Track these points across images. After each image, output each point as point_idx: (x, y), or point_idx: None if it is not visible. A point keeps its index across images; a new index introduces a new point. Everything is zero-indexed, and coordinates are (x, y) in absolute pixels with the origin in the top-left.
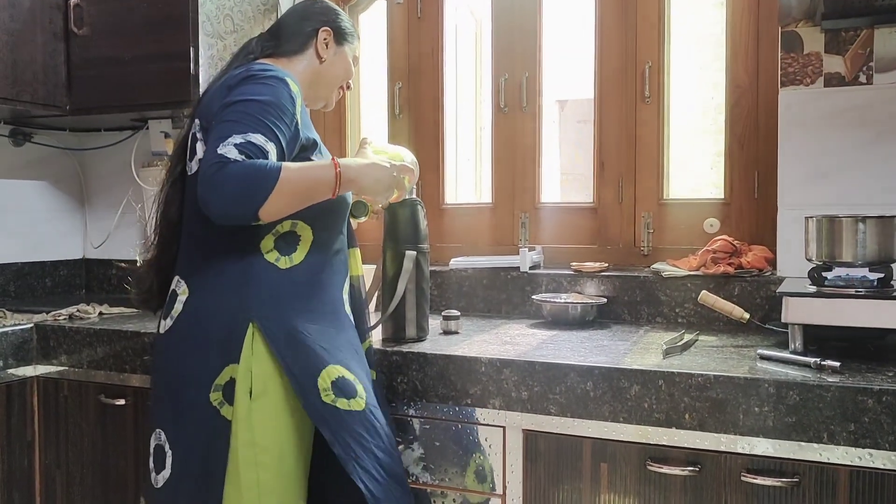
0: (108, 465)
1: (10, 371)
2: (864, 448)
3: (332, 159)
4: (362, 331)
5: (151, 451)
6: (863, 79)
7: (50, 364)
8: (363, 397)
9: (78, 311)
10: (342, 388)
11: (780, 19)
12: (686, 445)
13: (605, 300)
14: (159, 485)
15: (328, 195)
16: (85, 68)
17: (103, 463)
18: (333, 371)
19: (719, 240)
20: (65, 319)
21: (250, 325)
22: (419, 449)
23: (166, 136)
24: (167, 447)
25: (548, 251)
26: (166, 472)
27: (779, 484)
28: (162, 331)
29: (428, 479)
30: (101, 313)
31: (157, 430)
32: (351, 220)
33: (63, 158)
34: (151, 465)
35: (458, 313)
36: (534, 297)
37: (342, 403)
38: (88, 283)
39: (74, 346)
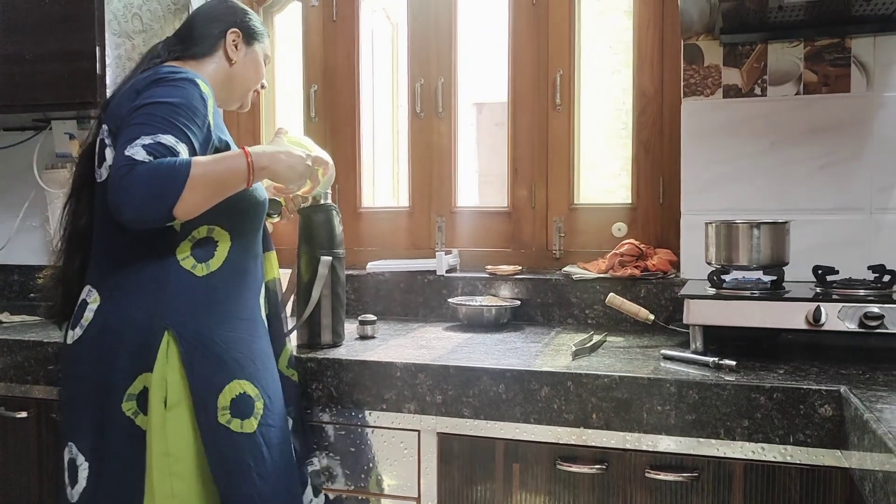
0: (9, 481)
1: None
2: (757, 442)
3: (242, 148)
4: (279, 335)
5: (65, 465)
6: (758, 91)
7: None
8: (258, 416)
9: None
10: (239, 407)
11: (682, 32)
12: (594, 444)
13: (519, 303)
14: (74, 499)
15: (242, 185)
16: None
17: (4, 479)
18: (237, 387)
19: (626, 243)
20: None
21: (166, 332)
22: (335, 455)
23: (71, 137)
24: (80, 460)
25: (464, 255)
26: (80, 486)
27: (680, 479)
28: (70, 340)
29: (343, 485)
30: (1, 322)
31: (69, 443)
32: (266, 221)
33: None
34: (66, 479)
35: (375, 318)
36: (450, 300)
37: (235, 425)
38: None
39: None
